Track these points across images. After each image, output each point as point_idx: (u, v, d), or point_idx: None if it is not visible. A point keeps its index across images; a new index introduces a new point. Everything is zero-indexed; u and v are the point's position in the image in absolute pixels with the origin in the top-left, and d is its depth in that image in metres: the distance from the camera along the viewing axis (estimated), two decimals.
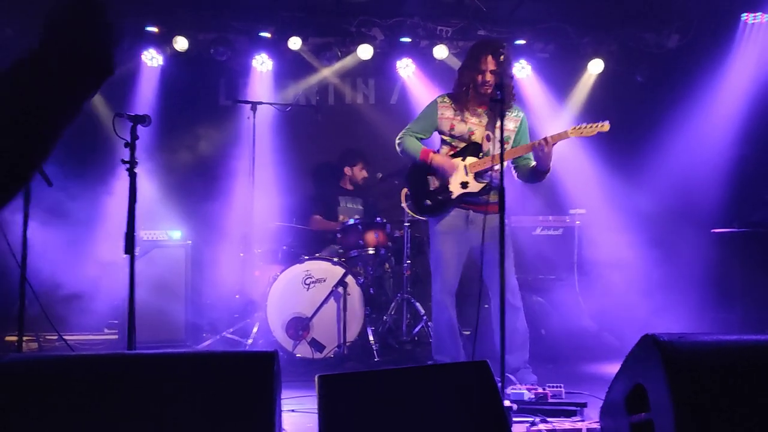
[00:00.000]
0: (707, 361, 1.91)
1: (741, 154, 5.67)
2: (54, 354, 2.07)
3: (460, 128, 3.96)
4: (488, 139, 3.90)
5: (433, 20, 6.50)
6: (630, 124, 5.90)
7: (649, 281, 5.42)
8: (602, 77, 6.68)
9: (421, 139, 4.09)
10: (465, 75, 3.93)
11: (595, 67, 6.59)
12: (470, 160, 3.93)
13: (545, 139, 3.68)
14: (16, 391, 1.86)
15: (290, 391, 3.51)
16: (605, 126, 3.72)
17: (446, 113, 4.00)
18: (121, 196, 4.62)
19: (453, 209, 3.95)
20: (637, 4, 6.17)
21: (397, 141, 4.10)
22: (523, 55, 6.58)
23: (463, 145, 3.96)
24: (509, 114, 3.93)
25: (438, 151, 4.07)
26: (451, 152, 4.00)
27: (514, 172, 4.04)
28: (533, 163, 3.89)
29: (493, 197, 3.84)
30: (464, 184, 3.88)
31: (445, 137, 4.04)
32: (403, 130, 4.11)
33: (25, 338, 3.64)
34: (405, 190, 4.22)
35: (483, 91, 3.87)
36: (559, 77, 6.63)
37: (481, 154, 3.92)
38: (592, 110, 6.45)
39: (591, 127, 3.72)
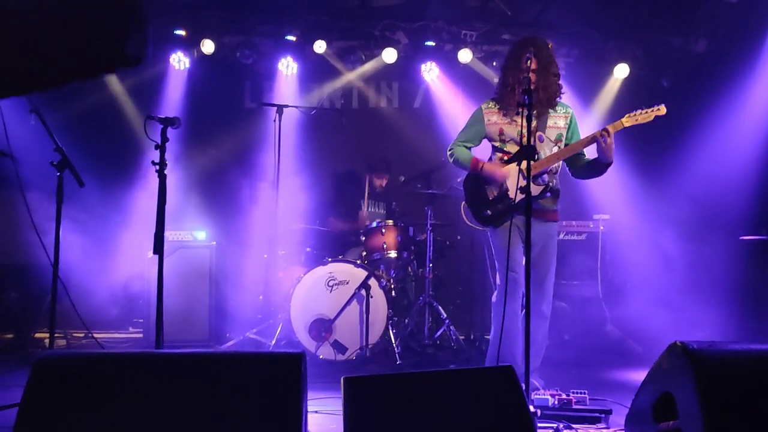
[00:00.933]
0: (738, 370, 1.89)
1: None
2: (87, 351, 2.12)
3: (510, 132, 3.84)
4: (541, 140, 3.81)
5: (458, 24, 6.51)
6: (656, 130, 5.80)
7: (674, 288, 5.37)
8: (628, 82, 6.63)
9: (471, 147, 4.01)
10: (508, 76, 3.85)
11: (621, 71, 6.54)
12: (526, 163, 3.79)
13: (606, 129, 3.58)
14: (52, 387, 1.90)
15: (313, 392, 3.51)
16: (661, 109, 3.56)
17: (493, 118, 3.91)
18: (149, 197, 4.69)
19: (515, 216, 3.77)
20: (664, 8, 6.12)
21: (448, 152, 4.03)
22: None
23: (515, 148, 3.83)
24: (557, 112, 3.87)
25: (490, 159, 3.98)
26: (505, 158, 3.88)
27: (569, 170, 3.94)
28: (587, 158, 3.81)
29: (548, 203, 3.83)
30: (523, 189, 3.68)
31: (495, 143, 3.93)
32: (453, 142, 4.03)
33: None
34: (464, 204, 4.10)
35: (519, 102, 3.68)
36: (584, 82, 6.59)
37: (536, 156, 3.80)
38: (618, 115, 6.36)
39: (646, 112, 3.58)
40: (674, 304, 5.28)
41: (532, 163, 3.68)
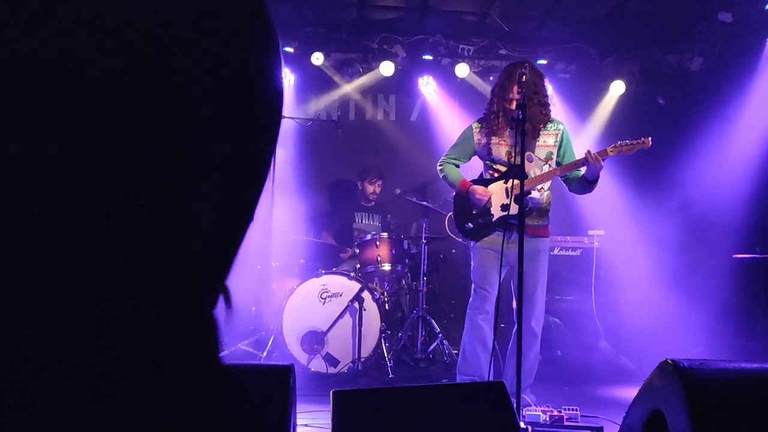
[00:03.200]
0: (729, 389, 1.88)
1: (764, 179, 5.61)
2: None
3: (498, 151, 3.92)
4: (530, 160, 3.83)
5: (455, 39, 6.55)
6: (651, 147, 5.88)
7: (668, 305, 5.36)
8: (624, 99, 6.66)
9: (460, 164, 4.10)
10: (493, 103, 3.89)
11: (617, 88, 6.58)
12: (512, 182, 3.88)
13: (588, 153, 3.64)
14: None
15: (303, 405, 3.50)
16: (647, 142, 3.64)
17: (483, 138, 3.98)
18: None
19: (494, 232, 3.88)
20: (660, 26, 6.17)
21: (438, 167, 4.12)
22: (545, 75, 6.59)
23: (503, 168, 3.92)
24: (547, 129, 3.89)
25: (481, 175, 4.06)
26: (495, 175, 3.95)
27: (566, 185, 4.01)
28: (581, 173, 3.85)
29: (533, 220, 3.83)
30: (504, 207, 3.80)
31: (486, 161, 4.02)
32: (443, 156, 4.13)
33: None
34: (450, 214, 4.20)
35: (513, 117, 3.77)
36: (581, 98, 6.63)
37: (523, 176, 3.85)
38: (614, 132, 6.42)
39: (631, 144, 3.65)
40: (668, 321, 5.28)
41: (517, 182, 3.72)
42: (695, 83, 6.35)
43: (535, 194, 3.83)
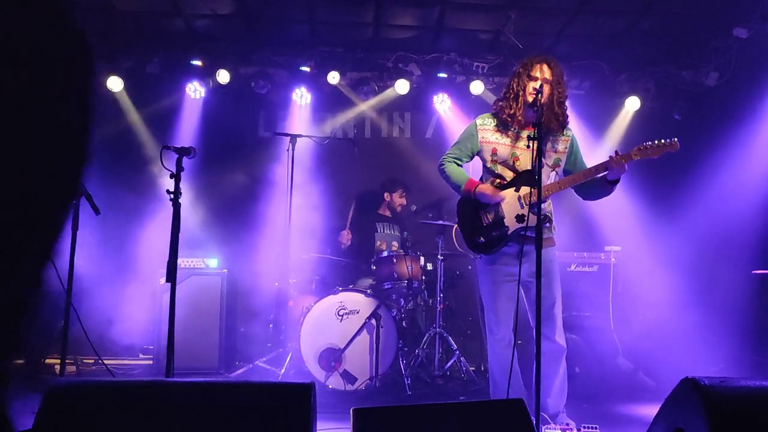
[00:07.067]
0: (751, 407, 1.87)
1: None
2: (100, 379, 2.13)
3: (503, 153, 3.59)
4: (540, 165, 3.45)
5: (470, 56, 6.60)
6: (668, 162, 5.84)
7: (686, 322, 5.32)
8: (639, 115, 6.66)
9: (463, 163, 3.75)
10: (509, 97, 3.62)
11: (632, 104, 6.58)
12: (525, 190, 3.49)
13: (611, 157, 3.38)
14: (64, 415, 1.92)
15: (321, 423, 3.48)
16: (674, 144, 3.34)
17: (487, 136, 3.64)
18: (161, 224, 4.73)
19: (508, 245, 3.56)
20: (675, 41, 6.18)
21: (438, 166, 3.77)
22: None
23: (508, 172, 3.59)
24: (556, 135, 3.62)
25: (481, 180, 3.72)
26: (498, 182, 3.61)
27: (577, 192, 3.69)
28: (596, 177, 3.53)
29: (548, 231, 3.58)
30: (520, 218, 3.43)
31: (487, 164, 3.66)
32: (444, 155, 3.77)
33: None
34: (456, 227, 3.94)
35: (531, 111, 3.48)
36: (596, 114, 6.63)
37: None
38: (630, 148, 6.40)
39: (657, 146, 3.35)
40: (686, 338, 5.23)
41: (532, 190, 3.42)
42: (711, 98, 6.34)
43: (543, 204, 3.51)
